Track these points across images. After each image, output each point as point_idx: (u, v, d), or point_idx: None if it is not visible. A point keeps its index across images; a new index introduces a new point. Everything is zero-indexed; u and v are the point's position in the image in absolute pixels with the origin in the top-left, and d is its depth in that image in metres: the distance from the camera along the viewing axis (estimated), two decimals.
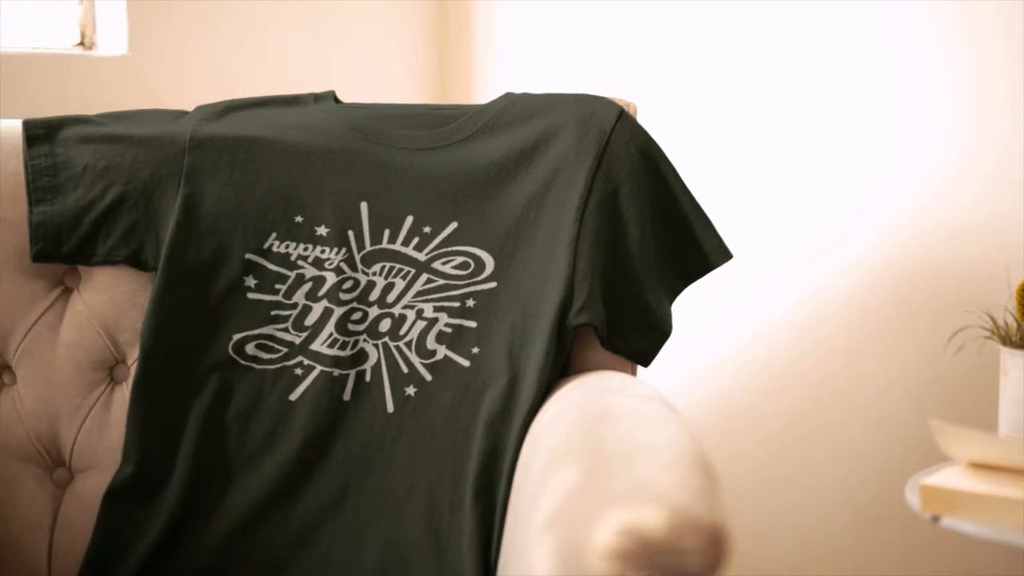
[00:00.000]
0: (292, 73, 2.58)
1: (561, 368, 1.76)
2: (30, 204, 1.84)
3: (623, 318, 1.78)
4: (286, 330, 1.79)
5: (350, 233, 1.81)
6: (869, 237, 2.32)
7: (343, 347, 1.78)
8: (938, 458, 1.87)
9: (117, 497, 1.76)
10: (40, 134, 1.87)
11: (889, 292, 2.31)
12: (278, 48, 2.62)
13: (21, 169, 1.86)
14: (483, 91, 2.76)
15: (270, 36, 2.61)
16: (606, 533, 1.13)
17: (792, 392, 2.43)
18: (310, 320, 1.79)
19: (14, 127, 1.89)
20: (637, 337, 1.79)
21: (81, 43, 2.45)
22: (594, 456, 1.35)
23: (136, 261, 1.83)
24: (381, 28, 2.78)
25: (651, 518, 1.12)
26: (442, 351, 1.78)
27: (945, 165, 2.23)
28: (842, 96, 2.32)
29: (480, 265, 1.79)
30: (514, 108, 1.87)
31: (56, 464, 1.84)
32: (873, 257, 2.32)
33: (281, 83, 2.14)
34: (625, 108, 1.85)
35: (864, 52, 2.30)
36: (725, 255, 1.83)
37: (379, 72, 2.78)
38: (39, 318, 1.85)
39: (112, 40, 2.41)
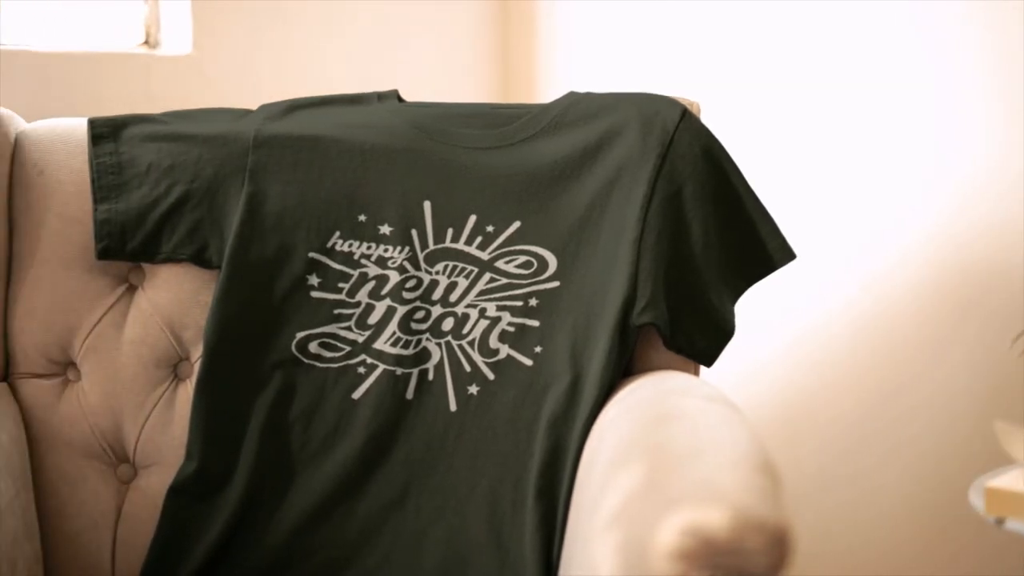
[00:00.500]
0: (355, 72, 2.58)
1: (624, 368, 1.76)
2: (95, 202, 1.85)
3: (686, 317, 1.77)
4: (349, 328, 1.80)
5: (413, 232, 1.81)
6: (931, 236, 2.30)
7: (406, 346, 1.79)
8: (1002, 460, 1.86)
9: (180, 494, 1.77)
10: (105, 132, 1.88)
11: (951, 292, 2.30)
12: (341, 48, 2.62)
13: (87, 167, 1.87)
14: (546, 90, 2.76)
15: (333, 36, 2.61)
16: (670, 533, 1.13)
17: (854, 392, 2.42)
18: (373, 319, 1.80)
19: (80, 126, 1.90)
20: (700, 336, 1.79)
21: (146, 42, 2.46)
22: (657, 456, 1.35)
23: (200, 259, 1.84)
24: (444, 27, 2.78)
25: (715, 518, 1.12)
26: (505, 350, 1.78)
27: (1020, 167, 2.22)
28: (910, 92, 2.31)
29: (543, 264, 1.79)
30: (577, 107, 1.87)
31: (120, 460, 1.85)
32: (935, 256, 2.30)
33: (344, 82, 2.14)
34: (688, 107, 1.84)
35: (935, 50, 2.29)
36: (788, 255, 1.82)
37: (442, 71, 2.78)
38: (104, 315, 1.86)
39: (177, 39, 2.42)
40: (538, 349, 1.77)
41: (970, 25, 2.22)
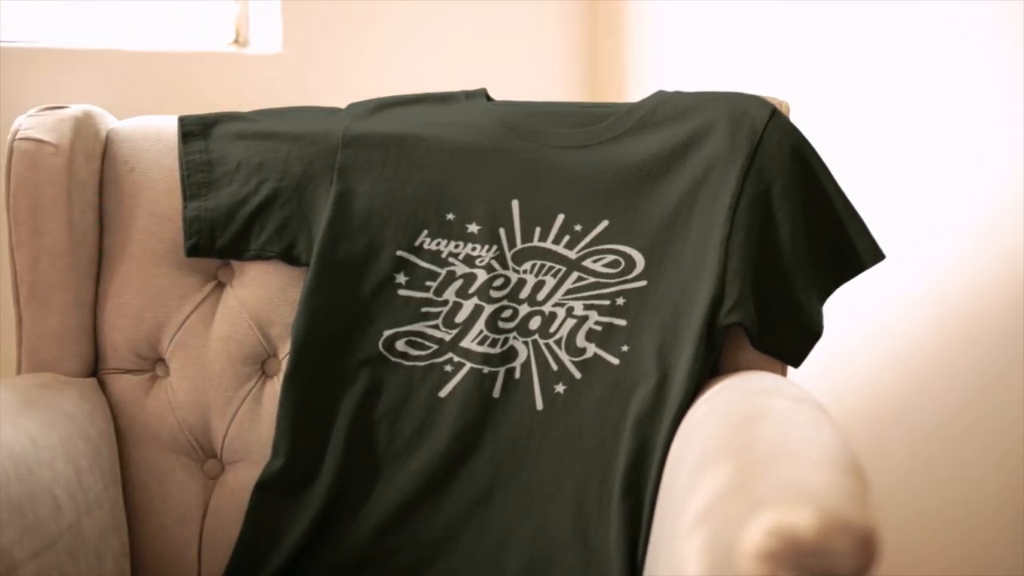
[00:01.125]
0: (443, 71, 2.59)
1: (711, 367, 1.75)
2: (185, 199, 1.86)
3: (774, 317, 1.76)
4: (436, 327, 1.80)
5: (501, 231, 1.81)
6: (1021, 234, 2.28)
7: (493, 344, 1.79)
8: None
9: (267, 490, 1.78)
10: (195, 130, 1.89)
11: None
12: (430, 47, 2.63)
13: (176, 165, 1.88)
14: (634, 89, 2.75)
15: (422, 35, 2.62)
16: (757, 533, 1.13)
17: (943, 391, 2.39)
18: (460, 317, 1.80)
19: (170, 123, 1.92)
20: (788, 337, 1.78)
21: (236, 41, 2.48)
22: (744, 456, 1.35)
23: (288, 256, 1.85)
24: (532, 27, 2.78)
25: (802, 519, 1.12)
26: (592, 349, 1.77)
27: None
28: (1002, 91, 2.29)
29: (631, 263, 1.79)
30: (666, 106, 1.86)
31: (207, 456, 1.87)
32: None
33: (432, 81, 2.15)
34: (777, 107, 1.83)
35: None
36: (878, 256, 1.81)
37: (530, 70, 2.78)
38: (192, 312, 1.87)
39: (266, 38, 2.44)
40: (625, 348, 1.76)
41: None
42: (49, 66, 2.22)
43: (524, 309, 1.79)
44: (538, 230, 1.81)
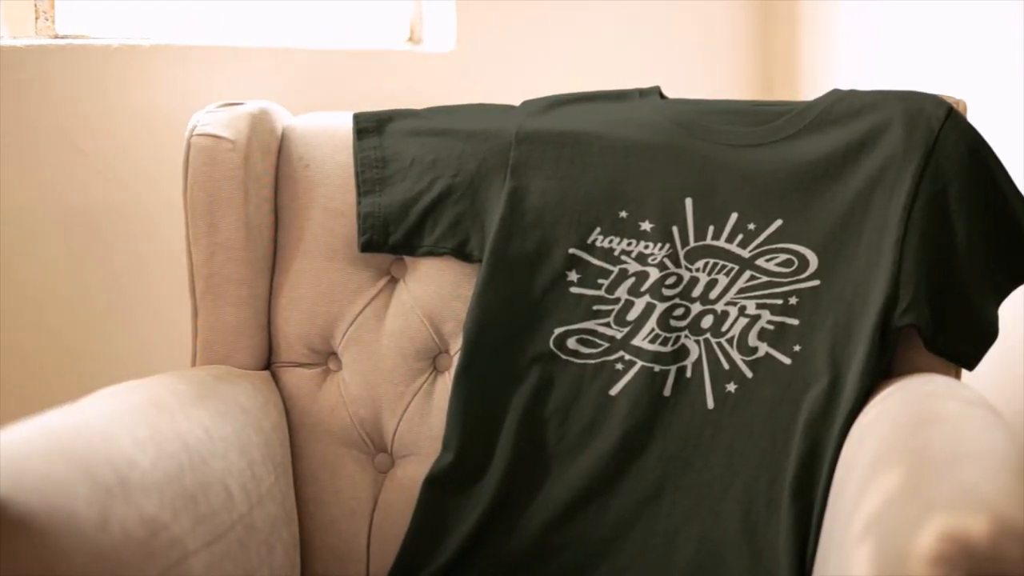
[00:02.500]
0: (616, 70, 2.58)
1: (884, 369, 1.73)
2: (359, 195, 1.88)
3: (948, 320, 1.74)
4: (607, 325, 1.80)
5: (674, 229, 1.80)
6: None
7: (664, 343, 1.78)
8: None
9: (436, 484, 1.79)
10: (370, 127, 1.91)
11: None
12: (602, 45, 2.63)
13: (351, 161, 1.90)
14: (808, 88, 2.72)
15: (594, 33, 2.62)
16: (928, 538, 1.11)
17: None
18: (632, 315, 1.79)
19: (345, 120, 1.94)
20: (962, 339, 1.75)
21: (410, 39, 2.50)
22: (917, 459, 1.33)
23: (461, 253, 1.86)
24: (704, 25, 2.77)
25: (975, 525, 1.10)
26: (764, 348, 1.76)
27: None
28: None
29: (804, 263, 1.77)
30: (841, 105, 1.84)
31: (378, 450, 1.88)
32: None
33: (604, 79, 2.14)
34: (954, 106, 1.80)
35: None
36: None
37: (702, 69, 2.77)
38: (366, 307, 1.89)
39: (440, 36, 2.46)
40: (797, 348, 1.75)
41: None
42: (228, 64, 2.26)
43: (696, 307, 1.78)
44: (711, 228, 1.80)
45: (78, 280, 2.18)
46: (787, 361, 1.75)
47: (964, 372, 1.80)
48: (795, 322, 1.76)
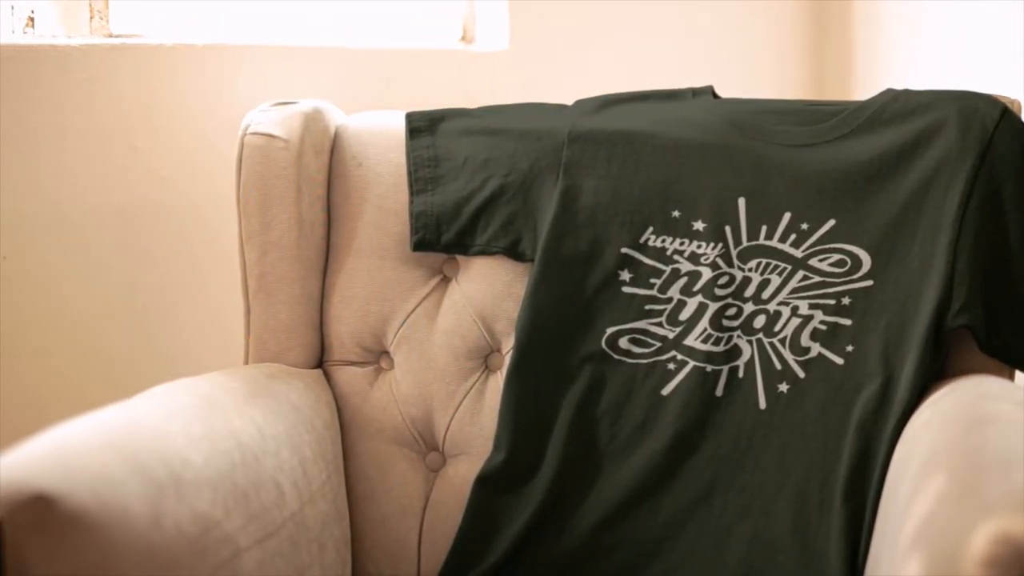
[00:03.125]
0: (668, 69, 2.58)
1: (937, 371, 1.72)
2: (411, 194, 1.89)
3: (1002, 321, 1.73)
4: (660, 324, 1.79)
5: (727, 229, 1.80)
6: None
7: (716, 343, 1.77)
8: None
9: (487, 483, 1.79)
10: (423, 126, 1.92)
11: None
12: (655, 45, 2.63)
13: (404, 160, 1.90)
14: (861, 88, 2.71)
15: (647, 34, 2.62)
16: (980, 540, 1.11)
17: None
18: (684, 315, 1.79)
19: (397, 119, 1.94)
20: (1016, 340, 1.74)
21: (463, 39, 2.50)
22: (970, 461, 1.32)
23: (513, 252, 1.86)
24: (758, 25, 2.76)
25: None
26: (816, 349, 1.75)
27: None
28: None
29: (857, 263, 1.76)
30: (894, 105, 1.83)
31: (429, 448, 1.88)
32: None
33: (657, 79, 2.14)
34: (1009, 106, 1.79)
35: None
36: None
37: (755, 68, 2.76)
38: (418, 306, 1.89)
39: (493, 36, 2.46)
40: (850, 348, 1.74)
41: None
42: (281, 63, 2.27)
43: (749, 307, 1.78)
44: (764, 228, 1.79)
45: (131, 278, 2.19)
46: (840, 361, 1.74)
47: (1018, 374, 1.79)
48: (848, 322, 1.75)
